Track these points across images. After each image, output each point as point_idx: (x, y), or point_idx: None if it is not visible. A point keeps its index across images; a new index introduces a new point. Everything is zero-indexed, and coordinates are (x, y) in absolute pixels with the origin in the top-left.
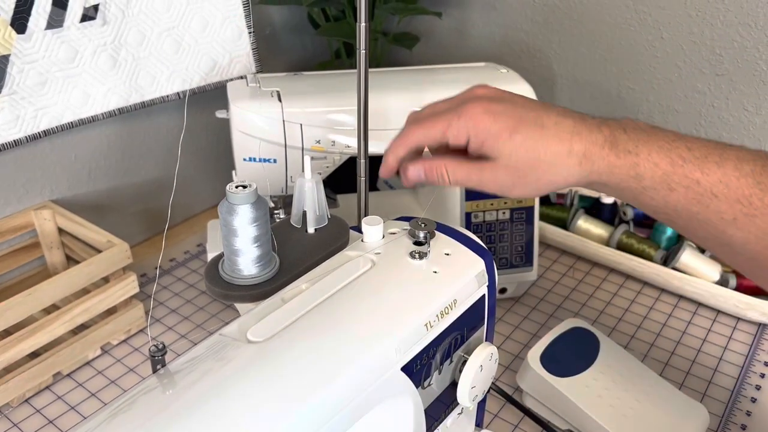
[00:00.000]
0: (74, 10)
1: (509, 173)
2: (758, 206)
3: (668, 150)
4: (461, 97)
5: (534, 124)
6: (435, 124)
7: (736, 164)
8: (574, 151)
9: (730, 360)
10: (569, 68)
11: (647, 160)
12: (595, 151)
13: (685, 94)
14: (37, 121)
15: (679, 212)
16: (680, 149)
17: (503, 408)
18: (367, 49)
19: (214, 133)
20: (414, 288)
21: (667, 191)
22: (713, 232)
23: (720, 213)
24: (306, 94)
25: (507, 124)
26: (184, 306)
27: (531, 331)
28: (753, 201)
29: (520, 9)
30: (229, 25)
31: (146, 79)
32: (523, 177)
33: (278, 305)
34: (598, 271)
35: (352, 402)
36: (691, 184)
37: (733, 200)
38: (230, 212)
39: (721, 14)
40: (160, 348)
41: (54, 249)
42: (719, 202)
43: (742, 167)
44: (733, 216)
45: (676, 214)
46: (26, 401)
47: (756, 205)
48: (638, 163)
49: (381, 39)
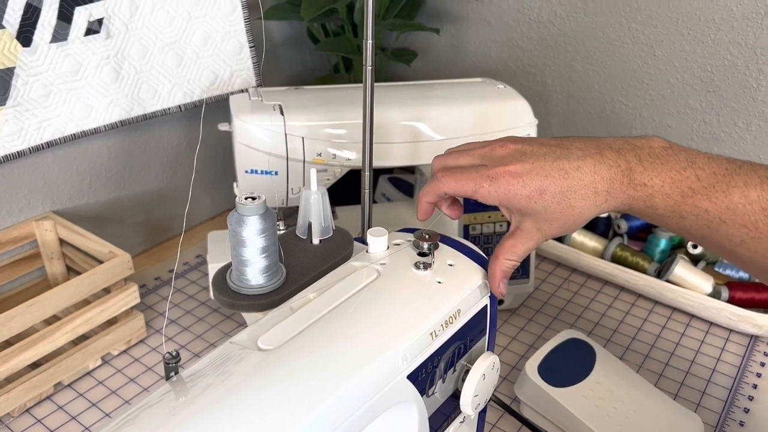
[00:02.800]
0: (79, 24)
1: (547, 223)
2: (764, 230)
3: (679, 181)
4: (488, 153)
5: (559, 176)
6: (467, 183)
7: (743, 191)
8: (599, 191)
9: (723, 371)
10: (564, 84)
11: (660, 192)
12: (616, 187)
13: (677, 110)
14: (41, 132)
15: (692, 234)
16: (690, 179)
17: (501, 418)
18: (373, 65)
19: (213, 145)
20: (419, 298)
21: (679, 219)
22: (724, 251)
23: (729, 236)
24: (308, 108)
25: (535, 186)
26: (184, 317)
27: (528, 342)
28: (759, 226)
29: (515, 26)
30: (230, 39)
31: (148, 92)
32: (560, 220)
33: (287, 314)
34: (593, 283)
35: (361, 408)
36: (701, 212)
37: (740, 225)
38: (239, 223)
39: (712, 33)
40: (174, 355)
41: (54, 260)
42: (727, 227)
43: (749, 194)
44: (741, 239)
45: (690, 236)
46: (27, 411)
47: (762, 230)
48: (653, 195)
49: (380, 54)
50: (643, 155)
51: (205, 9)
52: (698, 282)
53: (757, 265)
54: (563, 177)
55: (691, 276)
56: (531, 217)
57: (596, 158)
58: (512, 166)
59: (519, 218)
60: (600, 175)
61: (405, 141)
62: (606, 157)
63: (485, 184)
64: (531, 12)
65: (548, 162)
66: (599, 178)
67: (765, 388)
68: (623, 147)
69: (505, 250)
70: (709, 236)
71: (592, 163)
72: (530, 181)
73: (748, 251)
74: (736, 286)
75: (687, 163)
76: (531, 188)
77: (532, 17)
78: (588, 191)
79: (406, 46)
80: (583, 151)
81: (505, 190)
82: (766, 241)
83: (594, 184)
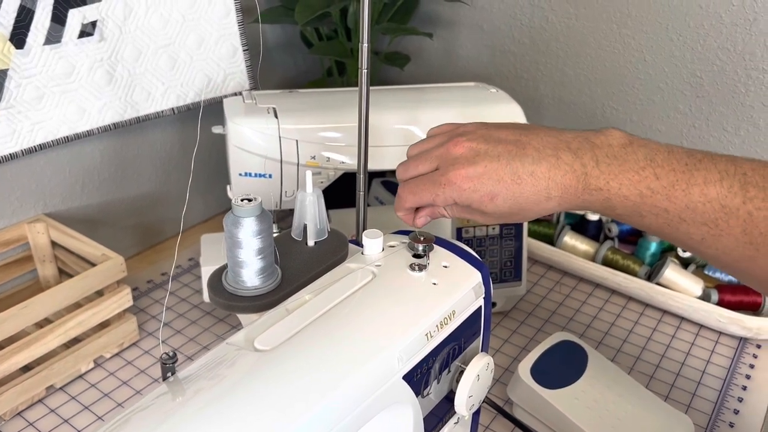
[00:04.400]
0: (72, 26)
1: (494, 219)
2: (723, 227)
3: (637, 182)
4: (443, 154)
5: (511, 181)
6: (423, 194)
7: (703, 189)
8: (551, 196)
9: (713, 373)
10: (555, 89)
11: (617, 194)
12: (570, 193)
13: (667, 115)
14: (33, 135)
15: (654, 231)
16: (648, 179)
17: (494, 420)
18: (368, 68)
19: (206, 148)
20: (414, 299)
21: (638, 218)
22: (687, 247)
23: (689, 234)
24: (302, 111)
25: (486, 190)
26: (177, 319)
27: (520, 344)
28: (719, 223)
29: (507, 31)
30: (224, 42)
31: (141, 94)
32: (510, 218)
33: (283, 315)
34: (584, 286)
35: (357, 409)
36: (660, 212)
37: (700, 223)
38: (235, 224)
39: (702, 38)
40: (171, 356)
41: (47, 262)
42: (688, 226)
43: (708, 192)
44: (702, 237)
45: (652, 232)
46: (19, 414)
47: (722, 227)
48: (609, 197)
49: (373, 58)
50: (600, 156)
51: (199, 12)
52: (688, 285)
53: (721, 261)
54: (515, 182)
55: (681, 279)
56: (481, 213)
57: (551, 162)
58: (464, 170)
59: (471, 211)
60: (554, 181)
61: (398, 144)
62: (561, 161)
63: (440, 192)
64: (523, 17)
65: (501, 164)
66: (553, 184)
67: (754, 389)
68: (581, 147)
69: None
70: (670, 234)
71: (546, 168)
72: (481, 185)
73: (709, 248)
74: (726, 289)
75: (646, 162)
76: (482, 193)
77: (524, 22)
78: (540, 197)
79: (399, 50)
80: (539, 152)
81: (458, 195)
82: (727, 239)
83: (547, 190)
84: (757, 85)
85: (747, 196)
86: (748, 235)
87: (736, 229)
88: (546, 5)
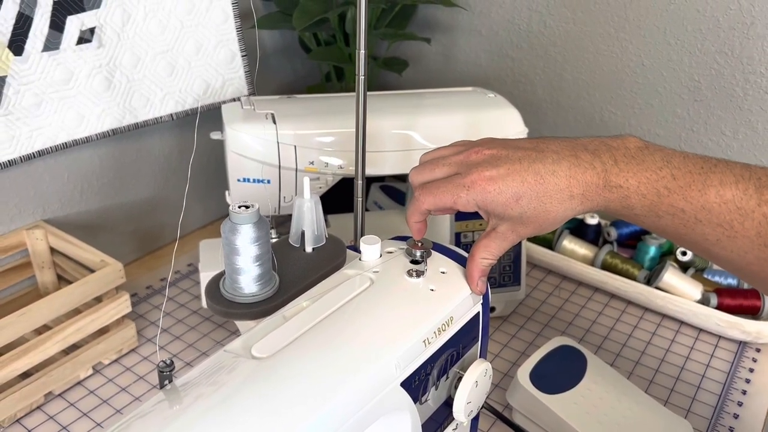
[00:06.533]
0: (71, 33)
1: (523, 226)
2: (738, 229)
3: (655, 181)
4: (462, 160)
5: (534, 181)
6: (444, 196)
7: (719, 190)
8: (574, 194)
9: (713, 377)
10: (553, 93)
11: (636, 192)
12: (591, 190)
13: (665, 119)
14: (32, 141)
15: (669, 233)
16: (666, 179)
17: (494, 425)
18: (365, 75)
19: (205, 154)
20: (412, 305)
21: (655, 218)
22: (700, 249)
23: (704, 235)
24: (300, 117)
25: (511, 192)
26: (176, 325)
27: (519, 349)
28: (734, 225)
29: (505, 36)
30: (223, 48)
31: (140, 100)
32: (535, 223)
33: (281, 322)
34: (583, 290)
35: (355, 416)
36: (677, 212)
37: (715, 224)
38: (233, 231)
39: (699, 43)
40: (168, 364)
41: (45, 269)
42: (703, 227)
43: (724, 193)
44: (717, 238)
45: (666, 234)
46: (17, 421)
47: (737, 228)
48: (628, 195)
49: (371, 63)
50: (618, 156)
51: (198, 18)
52: (687, 289)
53: (734, 264)
54: (539, 182)
55: (680, 283)
56: (507, 221)
57: (571, 161)
58: (487, 172)
59: (495, 221)
60: (575, 179)
61: (396, 149)
62: (581, 160)
63: (462, 194)
64: (521, 22)
65: (524, 166)
66: (575, 182)
67: (754, 393)
68: (599, 148)
69: (481, 249)
70: (686, 235)
71: (567, 167)
72: (506, 187)
73: (723, 250)
74: (725, 293)
75: (663, 163)
76: (507, 195)
77: (522, 27)
78: (563, 195)
79: (397, 55)
80: (558, 154)
81: (482, 197)
82: (741, 240)
83: (569, 188)
84: (755, 88)
85: (762, 199)
86: (763, 237)
87: (750, 231)
88: (544, 10)
